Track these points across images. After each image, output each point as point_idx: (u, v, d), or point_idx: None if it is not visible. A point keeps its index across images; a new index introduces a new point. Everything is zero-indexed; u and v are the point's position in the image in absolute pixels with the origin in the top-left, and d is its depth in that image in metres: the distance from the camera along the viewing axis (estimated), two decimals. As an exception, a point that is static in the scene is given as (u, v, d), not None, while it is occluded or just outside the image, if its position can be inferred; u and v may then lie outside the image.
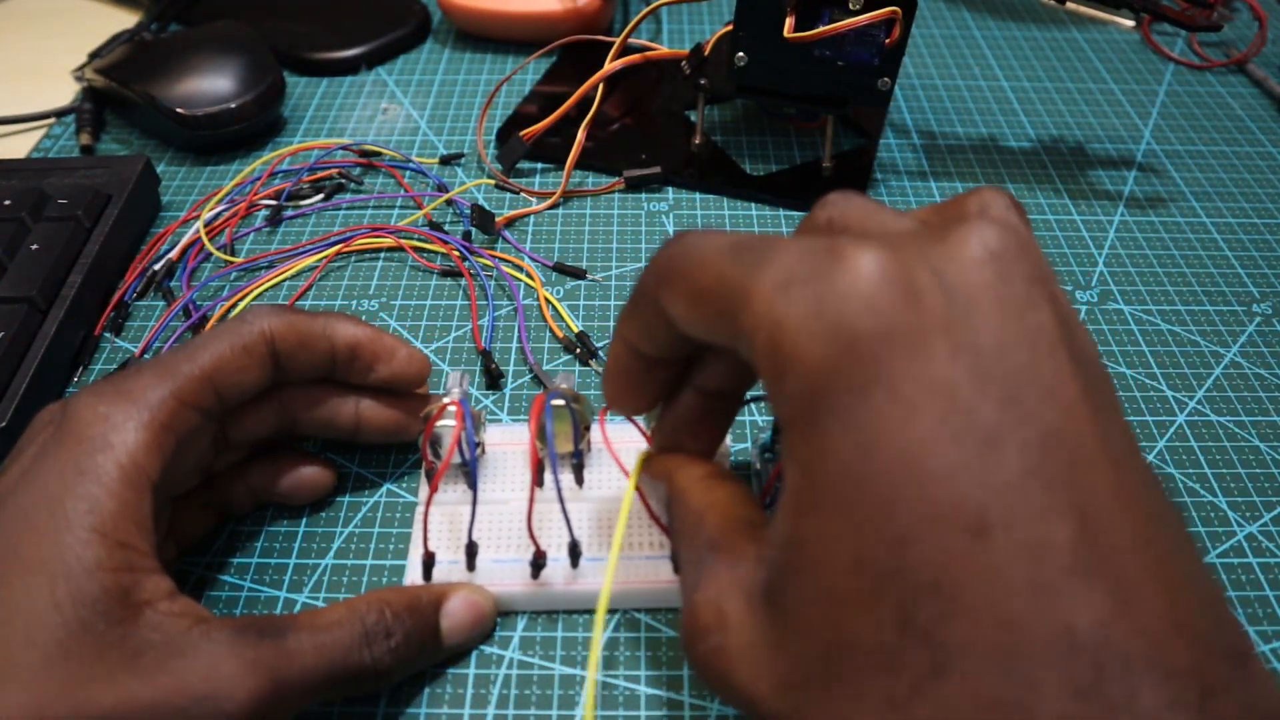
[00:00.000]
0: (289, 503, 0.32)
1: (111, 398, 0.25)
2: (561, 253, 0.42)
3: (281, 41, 0.54)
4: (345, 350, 0.29)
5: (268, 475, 0.31)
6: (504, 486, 0.31)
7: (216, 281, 0.40)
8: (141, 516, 0.24)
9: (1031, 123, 0.51)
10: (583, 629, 0.29)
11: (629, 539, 0.29)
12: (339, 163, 0.47)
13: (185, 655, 0.23)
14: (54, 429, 0.25)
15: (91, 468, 0.24)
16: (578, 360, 0.37)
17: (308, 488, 0.31)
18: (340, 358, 0.29)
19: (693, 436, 0.25)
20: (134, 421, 0.25)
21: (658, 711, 0.27)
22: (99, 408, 0.25)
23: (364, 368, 0.30)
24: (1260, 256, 0.43)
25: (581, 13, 0.54)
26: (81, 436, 0.24)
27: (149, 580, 0.23)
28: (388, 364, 0.30)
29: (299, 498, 0.31)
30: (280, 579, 0.30)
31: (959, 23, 0.61)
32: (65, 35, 0.58)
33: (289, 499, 0.31)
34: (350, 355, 0.29)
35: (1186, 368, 0.37)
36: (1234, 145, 0.50)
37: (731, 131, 0.49)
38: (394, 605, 0.26)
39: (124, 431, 0.24)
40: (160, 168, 0.47)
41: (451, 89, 0.53)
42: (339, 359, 0.29)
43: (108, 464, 0.24)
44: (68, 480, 0.23)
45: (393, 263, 0.42)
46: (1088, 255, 0.43)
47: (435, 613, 0.27)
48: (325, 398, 0.31)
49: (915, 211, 0.21)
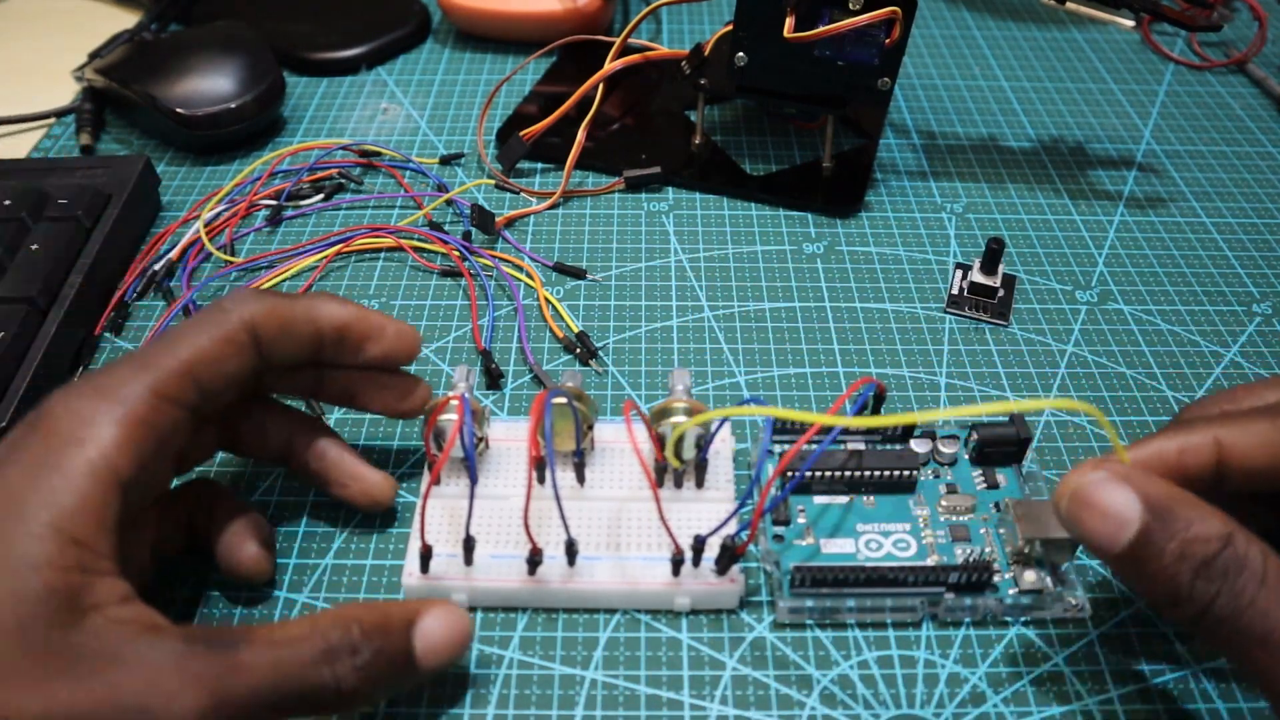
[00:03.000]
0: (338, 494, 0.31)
1: (87, 394, 0.24)
2: (561, 253, 0.42)
3: (281, 41, 0.54)
4: (332, 332, 0.28)
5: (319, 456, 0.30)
6: (505, 482, 0.31)
7: (216, 281, 0.40)
8: (105, 515, 0.23)
9: (1031, 123, 0.51)
10: (583, 629, 0.29)
11: (628, 540, 0.29)
12: (339, 163, 0.47)
13: (125, 664, 0.21)
14: (26, 425, 0.24)
15: (57, 463, 0.23)
16: (578, 360, 0.37)
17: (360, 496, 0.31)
18: (328, 340, 0.28)
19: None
20: (108, 417, 0.24)
21: (658, 711, 0.27)
22: (72, 403, 0.24)
23: (353, 348, 0.29)
24: (1260, 256, 0.43)
25: (581, 13, 0.54)
26: (51, 431, 0.23)
27: (101, 583, 0.22)
28: (378, 342, 0.29)
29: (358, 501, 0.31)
30: (280, 579, 0.30)
31: (959, 23, 0.61)
32: (65, 35, 0.58)
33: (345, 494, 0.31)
34: (338, 337, 0.28)
35: (1186, 368, 0.37)
36: (1234, 145, 0.50)
37: (731, 131, 0.49)
38: (363, 622, 0.24)
39: (97, 427, 0.23)
40: (160, 168, 0.47)
41: (451, 89, 0.53)
42: (326, 341, 0.28)
43: (76, 459, 0.23)
44: (30, 474, 0.23)
45: (393, 263, 0.42)
46: (1088, 255, 0.43)
47: (408, 630, 0.25)
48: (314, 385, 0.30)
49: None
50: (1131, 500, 0.23)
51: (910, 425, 0.32)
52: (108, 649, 0.22)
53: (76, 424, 0.23)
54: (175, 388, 0.25)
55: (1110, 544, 0.23)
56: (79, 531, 0.22)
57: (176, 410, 0.25)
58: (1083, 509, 0.23)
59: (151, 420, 0.24)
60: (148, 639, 0.22)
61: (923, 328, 0.39)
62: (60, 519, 0.22)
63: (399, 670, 0.25)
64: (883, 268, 0.42)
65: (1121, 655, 0.28)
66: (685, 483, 0.31)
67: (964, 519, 0.30)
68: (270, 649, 0.23)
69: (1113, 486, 0.23)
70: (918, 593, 0.28)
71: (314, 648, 0.23)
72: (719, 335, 0.38)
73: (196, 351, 0.26)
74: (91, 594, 0.22)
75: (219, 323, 0.26)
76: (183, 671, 0.22)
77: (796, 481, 0.27)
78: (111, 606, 0.22)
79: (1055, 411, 0.35)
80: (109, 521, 0.23)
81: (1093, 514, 0.23)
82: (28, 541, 0.22)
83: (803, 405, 0.36)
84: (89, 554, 0.22)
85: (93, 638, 0.22)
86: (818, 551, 0.29)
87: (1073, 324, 0.39)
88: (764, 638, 0.29)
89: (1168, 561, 0.22)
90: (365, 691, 0.24)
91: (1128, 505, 0.23)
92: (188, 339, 0.26)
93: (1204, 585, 0.22)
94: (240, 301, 0.27)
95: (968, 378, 0.37)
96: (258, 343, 0.27)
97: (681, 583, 0.28)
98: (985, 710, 0.27)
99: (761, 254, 0.42)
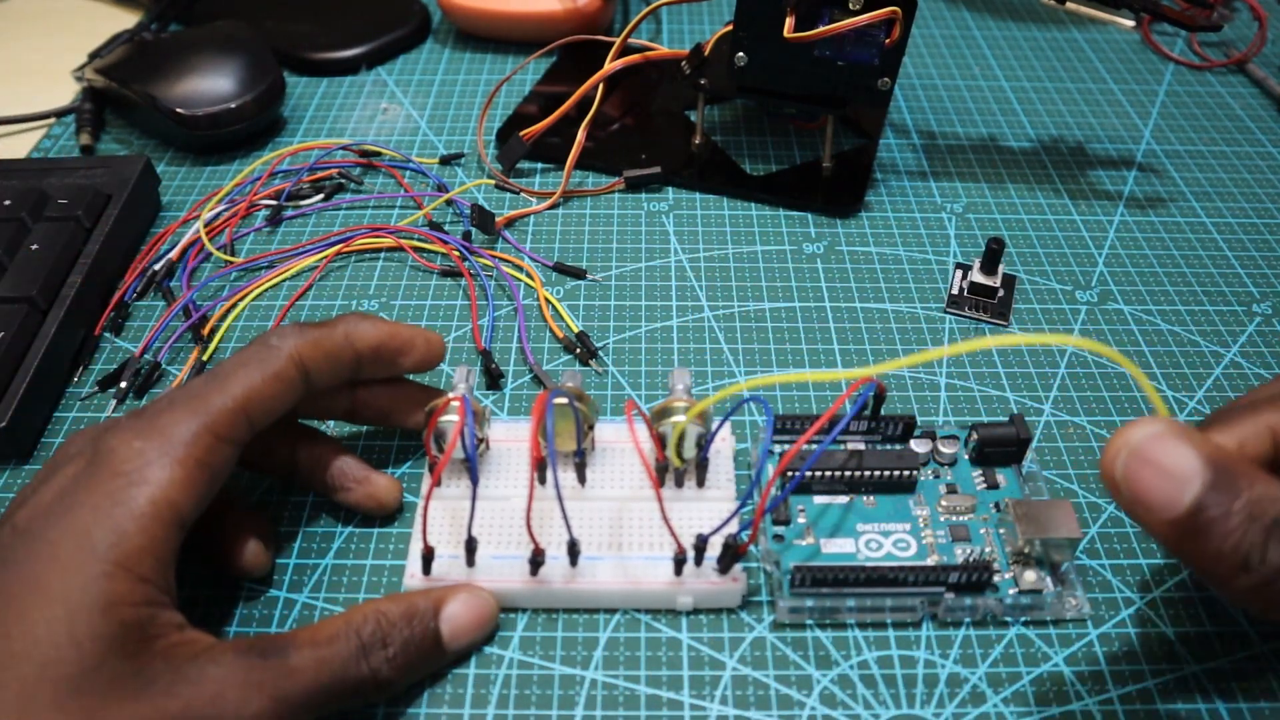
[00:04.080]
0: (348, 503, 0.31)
1: (146, 433, 0.25)
2: (561, 253, 0.42)
3: (281, 41, 0.54)
4: (369, 352, 0.29)
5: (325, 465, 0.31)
6: (506, 483, 0.31)
7: (216, 281, 0.40)
8: (165, 553, 0.24)
9: (1031, 123, 0.51)
10: (583, 629, 0.29)
11: (630, 540, 0.29)
12: (339, 163, 0.47)
13: (193, 681, 0.23)
14: (86, 462, 0.25)
15: (124, 500, 0.24)
16: (578, 360, 0.37)
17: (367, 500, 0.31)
18: (365, 360, 0.30)
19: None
20: (169, 458, 0.25)
21: (658, 711, 0.27)
22: (134, 443, 0.25)
23: (388, 364, 0.30)
24: (1260, 256, 0.43)
25: (581, 13, 0.54)
26: (117, 471, 0.24)
27: (163, 614, 0.24)
28: (409, 356, 0.30)
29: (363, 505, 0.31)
30: (280, 579, 0.30)
31: (959, 23, 0.61)
32: (65, 35, 0.58)
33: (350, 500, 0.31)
34: (374, 356, 0.30)
35: (1186, 368, 0.37)
36: (1234, 145, 0.50)
37: (731, 131, 0.49)
38: (390, 615, 0.26)
39: (158, 468, 0.25)
40: (160, 168, 0.47)
41: (451, 89, 0.53)
42: (364, 362, 0.30)
43: (140, 499, 0.24)
44: (100, 513, 0.24)
45: (393, 263, 0.42)
46: (1088, 255, 0.43)
47: (434, 618, 0.27)
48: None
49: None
50: (1193, 457, 0.21)
51: (910, 425, 0.32)
52: (175, 670, 0.23)
53: (140, 464, 0.25)
54: (229, 426, 0.26)
55: (1171, 505, 0.21)
56: (145, 570, 0.24)
57: (230, 448, 0.26)
58: (1143, 466, 0.21)
59: (208, 460, 0.26)
60: (207, 655, 0.24)
61: (923, 328, 0.39)
62: (128, 558, 0.23)
63: (428, 655, 0.27)
64: (883, 268, 0.42)
65: (1121, 655, 0.28)
66: (686, 482, 0.31)
67: (964, 519, 0.30)
68: (313, 649, 0.25)
69: (1173, 442, 0.21)
70: (918, 593, 0.28)
71: (350, 645, 0.25)
72: (719, 335, 0.38)
73: (249, 390, 0.27)
74: (156, 625, 0.24)
75: (269, 359, 0.27)
76: (244, 681, 0.24)
77: (797, 481, 0.27)
78: (173, 633, 0.24)
79: (1055, 412, 0.35)
80: (167, 558, 0.25)
81: (1153, 472, 0.21)
82: (102, 581, 0.23)
83: (803, 406, 0.36)
84: (154, 589, 0.24)
85: (161, 663, 0.23)
86: (818, 551, 0.29)
87: (1073, 324, 0.39)
88: (764, 638, 0.29)
89: (1235, 524, 0.20)
90: (400, 678, 0.26)
91: (1189, 462, 0.21)
92: (240, 378, 0.27)
93: (1277, 547, 0.20)
94: (287, 337, 0.28)
95: (968, 378, 0.37)
96: (305, 375, 0.28)
97: (684, 582, 0.28)
98: (985, 710, 0.27)
99: (761, 254, 0.42)
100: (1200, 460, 0.21)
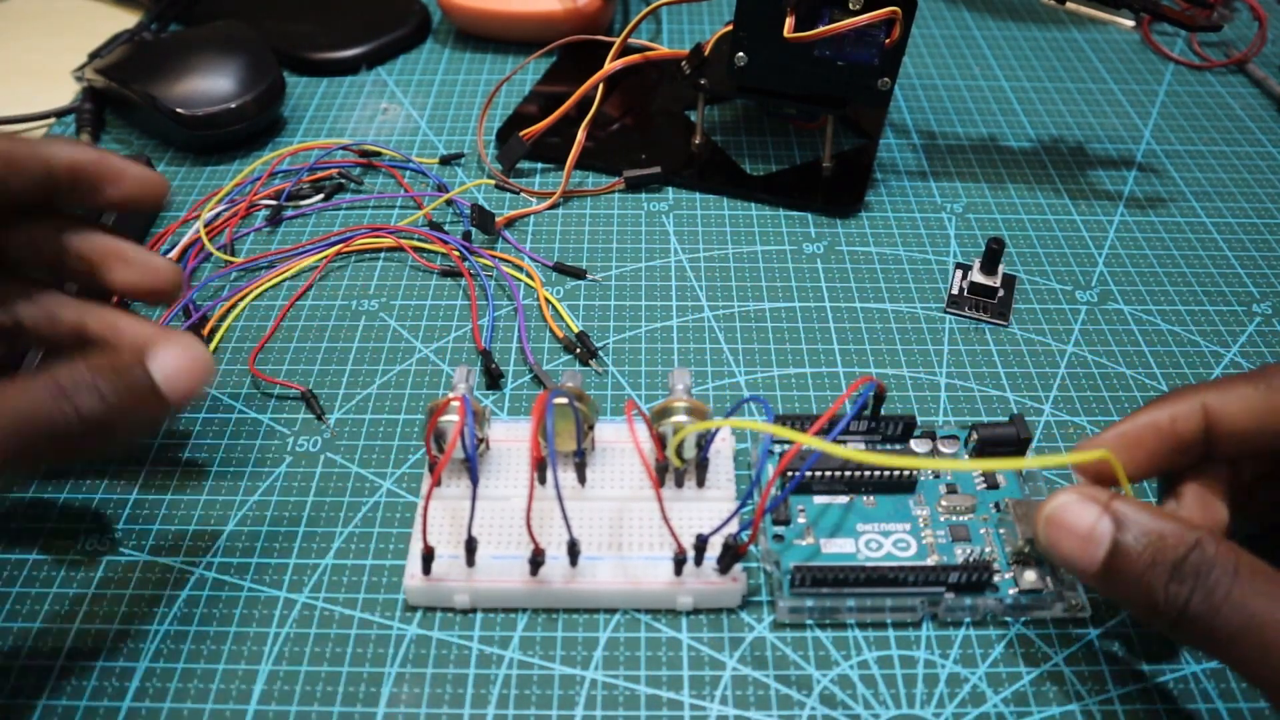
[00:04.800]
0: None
1: None
2: (561, 253, 0.42)
3: (281, 41, 0.54)
4: (64, 172, 0.26)
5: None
6: (506, 483, 0.31)
7: (216, 281, 0.40)
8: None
9: (1031, 123, 0.51)
10: (583, 629, 0.29)
11: (630, 540, 0.29)
12: (339, 163, 0.47)
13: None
14: None
15: None
16: (578, 360, 0.37)
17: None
18: (61, 180, 0.26)
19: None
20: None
21: (658, 711, 0.27)
22: None
23: (90, 190, 0.27)
24: (1260, 256, 0.43)
25: (581, 13, 0.54)
26: None
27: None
28: (116, 185, 0.27)
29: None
30: (280, 579, 0.30)
31: (959, 23, 0.61)
32: (65, 35, 0.58)
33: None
34: (71, 177, 0.27)
35: (1186, 368, 0.37)
36: (1234, 145, 0.50)
37: (731, 131, 0.49)
38: (92, 362, 0.24)
39: None
40: (160, 168, 0.47)
41: (451, 89, 0.53)
42: (59, 183, 0.26)
43: None
44: None
45: (393, 263, 0.42)
46: (1088, 255, 0.43)
47: (140, 360, 0.25)
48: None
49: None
50: (1101, 517, 0.24)
51: (910, 425, 0.32)
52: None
53: None
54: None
55: (1089, 563, 0.24)
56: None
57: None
58: (1059, 532, 0.24)
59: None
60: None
61: (923, 328, 0.39)
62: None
63: (142, 400, 0.25)
64: (883, 268, 0.42)
65: (1121, 655, 0.28)
66: (686, 482, 0.31)
67: (964, 519, 0.30)
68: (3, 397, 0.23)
69: (1081, 506, 0.24)
70: (918, 593, 0.28)
71: (47, 387, 0.23)
72: (719, 335, 0.38)
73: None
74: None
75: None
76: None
77: (797, 481, 0.27)
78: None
79: (1055, 412, 0.35)
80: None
81: (1069, 536, 0.24)
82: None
83: (803, 405, 0.36)
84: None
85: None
86: (818, 551, 0.29)
87: (1073, 324, 0.39)
88: (764, 638, 0.29)
89: (1141, 569, 0.23)
90: (111, 421, 0.24)
91: (1098, 522, 0.23)
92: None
93: (1177, 587, 0.22)
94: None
95: (968, 378, 0.37)
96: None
97: (684, 582, 0.28)
98: (985, 710, 0.27)
99: (761, 254, 0.42)
100: (1108, 520, 0.23)
